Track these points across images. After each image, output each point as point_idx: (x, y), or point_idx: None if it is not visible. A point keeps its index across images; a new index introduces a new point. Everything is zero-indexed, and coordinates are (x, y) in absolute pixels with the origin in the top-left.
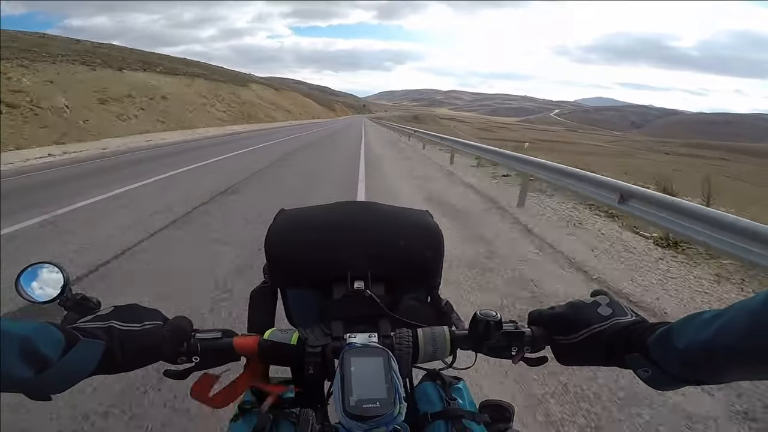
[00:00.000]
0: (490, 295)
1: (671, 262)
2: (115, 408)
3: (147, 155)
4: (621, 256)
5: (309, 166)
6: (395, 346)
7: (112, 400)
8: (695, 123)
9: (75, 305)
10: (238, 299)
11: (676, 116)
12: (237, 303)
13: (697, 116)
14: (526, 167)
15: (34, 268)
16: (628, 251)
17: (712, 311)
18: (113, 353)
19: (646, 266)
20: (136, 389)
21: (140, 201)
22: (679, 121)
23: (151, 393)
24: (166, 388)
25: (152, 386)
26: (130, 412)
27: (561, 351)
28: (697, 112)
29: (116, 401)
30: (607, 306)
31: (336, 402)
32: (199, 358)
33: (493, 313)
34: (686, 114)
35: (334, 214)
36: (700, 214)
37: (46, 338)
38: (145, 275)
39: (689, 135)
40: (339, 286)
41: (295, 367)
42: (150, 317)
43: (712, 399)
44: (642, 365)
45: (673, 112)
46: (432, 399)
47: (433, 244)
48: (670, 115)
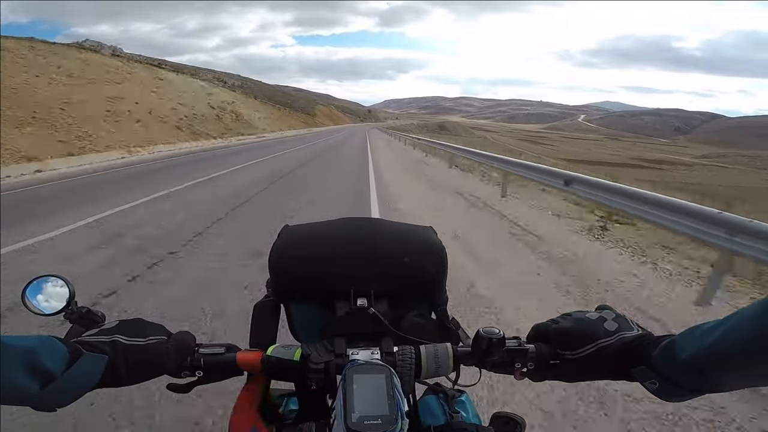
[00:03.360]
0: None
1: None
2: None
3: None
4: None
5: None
6: (398, 363)
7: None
8: (755, 127)
9: (80, 318)
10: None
11: (728, 121)
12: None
13: (747, 120)
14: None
15: (40, 280)
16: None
17: (714, 321)
18: (117, 367)
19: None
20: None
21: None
22: (734, 126)
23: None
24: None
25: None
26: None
27: (566, 366)
28: (743, 116)
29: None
30: (613, 321)
31: (338, 418)
32: (202, 373)
33: (496, 330)
34: (728, 118)
35: (339, 231)
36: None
37: (50, 352)
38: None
39: (753, 142)
40: (342, 302)
41: (298, 383)
42: (154, 332)
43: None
44: (649, 378)
45: (715, 115)
46: (435, 412)
47: (437, 261)
48: (713, 119)
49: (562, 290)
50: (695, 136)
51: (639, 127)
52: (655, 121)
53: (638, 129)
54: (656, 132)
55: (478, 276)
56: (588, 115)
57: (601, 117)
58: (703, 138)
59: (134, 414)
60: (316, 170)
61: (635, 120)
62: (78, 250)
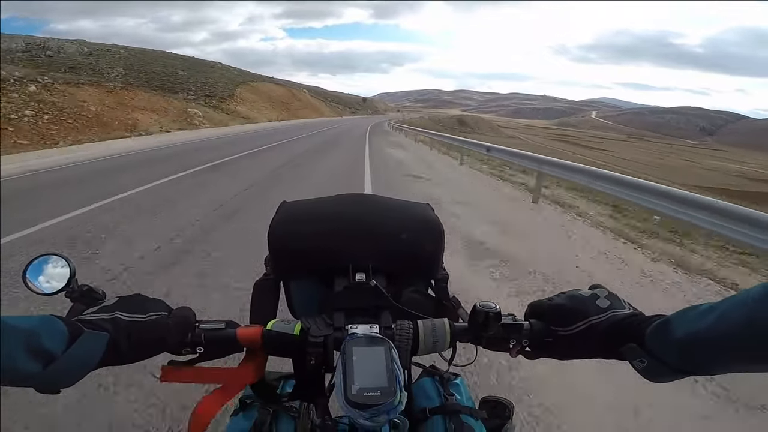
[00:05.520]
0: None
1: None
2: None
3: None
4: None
5: None
6: (396, 337)
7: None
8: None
9: (81, 296)
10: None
11: (757, 122)
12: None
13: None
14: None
15: (41, 260)
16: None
17: (710, 303)
18: (119, 344)
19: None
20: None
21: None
22: (765, 128)
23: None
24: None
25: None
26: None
27: (558, 343)
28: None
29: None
30: (605, 298)
31: (338, 390)
32: (203, 349)
33: (493, 305)
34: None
35: (337, 207)
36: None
37: (50, 331)
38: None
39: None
40: (340, 277)
41: (297, 358)
42: (154, 307)
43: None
44: (638, 356)
45: (739, 116)
46: (430, 394)
47: (433, 237)
48: (739, 120)
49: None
50: (722, 138)
51: (661, 126)
52: (678, 119)
53: (660, 128)
54: (680, 132)
55: None
56: (599, 112)
57: (618, 114)
58: (732, 140)
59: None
60: None
61: (656, 118)
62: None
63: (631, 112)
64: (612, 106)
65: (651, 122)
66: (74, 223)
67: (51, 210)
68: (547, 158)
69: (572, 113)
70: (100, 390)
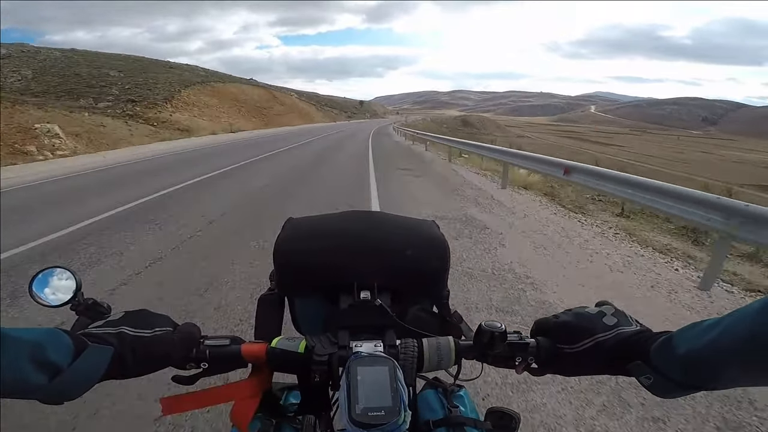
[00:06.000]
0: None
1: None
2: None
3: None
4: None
5: None
6: (400, 355)
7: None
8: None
9: (86, 310)
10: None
11: (757, 110)
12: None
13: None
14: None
15: (46, 273)
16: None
17: (713, 319)
18: (123, 358)
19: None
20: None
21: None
22: (765, 116)
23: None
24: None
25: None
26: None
27: (565, 361)
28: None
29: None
30: (612, 316)
31: (342, 409)
32: (207, 365)
33: (498, 324)
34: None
35: (343, 223)
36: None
37: (56, 344)
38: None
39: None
40: (345, 295)
41: (301, 375)
42: (160, 323)
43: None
44: (644, 372)
45: (739, 104)
46: (434, 406)
47: (439, 255)
48: (739, 108)
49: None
50: (724, 127)
51: (662, 118)
52: (680, 110)
53: (661, 120)
54: (683, 123)
55: None
56: (598, 106)
57: (617, 107)
58: (734, 128)
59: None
60: None
61: (656, 110)
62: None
63: (630, 105)
64: (609, 99)
65: (651, 114)
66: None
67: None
68: (655, 183)
69: (570, 109)
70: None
